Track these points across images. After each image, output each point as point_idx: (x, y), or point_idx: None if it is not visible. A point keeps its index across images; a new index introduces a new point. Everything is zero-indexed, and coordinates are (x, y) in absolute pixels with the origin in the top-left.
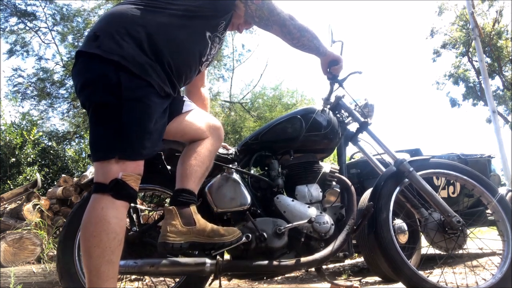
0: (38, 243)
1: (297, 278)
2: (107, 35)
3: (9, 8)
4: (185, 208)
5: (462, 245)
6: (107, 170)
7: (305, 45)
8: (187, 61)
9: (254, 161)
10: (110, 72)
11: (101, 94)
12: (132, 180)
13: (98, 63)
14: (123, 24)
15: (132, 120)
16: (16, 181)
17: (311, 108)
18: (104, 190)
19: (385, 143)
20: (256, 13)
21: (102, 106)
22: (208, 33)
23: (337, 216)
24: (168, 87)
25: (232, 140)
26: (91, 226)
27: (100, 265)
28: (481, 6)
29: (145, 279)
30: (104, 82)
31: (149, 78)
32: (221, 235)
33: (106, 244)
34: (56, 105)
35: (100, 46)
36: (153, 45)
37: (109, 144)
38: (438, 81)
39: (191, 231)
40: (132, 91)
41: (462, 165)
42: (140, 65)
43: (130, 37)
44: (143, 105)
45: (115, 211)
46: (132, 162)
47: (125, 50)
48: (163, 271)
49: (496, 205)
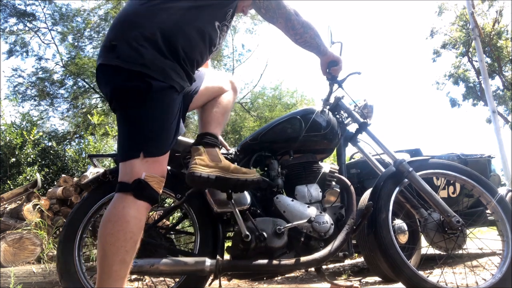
0: (38, 243)
1: (297, 278)
2: (124, 43)
3: (8, 9)
4: (211, 148)
5: (462, 245)
6: (131, 169)
7: (307, 42)
8: (199, 53)
9: (254, 161)
10: (134, 79)
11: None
12: (155, 182)
13: (121, 73)
14: (137, 29)
15: (155, 120)
16: (16, 181)
17: (310, 108)
18: (127, 189)
19: (385, 144)
20: (264, 4)
21: (129, 110)
22: (217, 23)
23: (336, 216)
24: (186, 82)
25: (232, 140)
26: (110, 224)
27: (113, 264)
28: (481, 6)
29: (145, 279)
30: (129, 89)
31: (171, 81)
32: (244, 173)
33: (122, 243)
34: (56, 105)
35: (119, 56)
36: (169, 45)
37: (134, 144)
38: (438, 81)
39: (217, 166)
40: (155, 93)
41: (462, 165)
42: (162, 69)
43: (147, 41)
44: (166, 106)
45: (136, 211)
46: (155, 161)
47: (145, 57)
48: (163, 271)
49: (495, 205)
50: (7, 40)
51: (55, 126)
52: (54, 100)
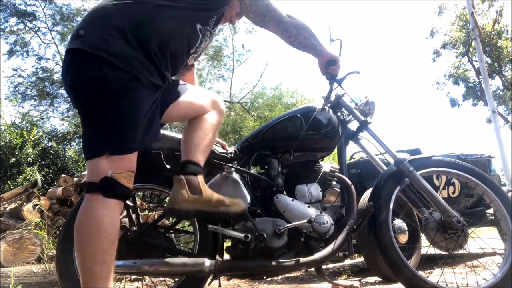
0: (38, 243)
1: (297, 278)
2: (92, 31)
3: (8, 9)
4: (193, 178)
5: (463, 245)
6: (97, 168)
7: (302, 43)
8: (174, 52)
9: (254, 160)
10: (95, 68)
11: (87, 93)
12: (123, 177)
13: (83, 60)
14: (108, 19)
15: (120, 115)
16: (16, 181)
17: (311, 106)
18: (95, 189)
19: (386, 142)
20: (252, 8)
21: (90, 104)
22: (199, 26)
23: (337, 216)
24: (156, 78)
25: (232, 139)
26: (83, 226)
27: (93, 265)
28: (481, 6)
29: (145, 279)
30: (90, 81)
31: (135, 71)
32: (226, 205)
33: (98, 244)
34: (56, 105)
35: (84, 41)
36: (139, 37)
37: (99, 141)
38: (438, 81)
39: (198, 200)
40: (118, 85)
41: (464, 163)
42: (126, 58)
43: (116, 31)
44: (130, 99)
45: (107, 210)
46: (122, 158)
47: (110, 45)
48: (163, 271)
49: (498, 204)
50: (8, 40)
51: (55, 126)
52: (54, 100)
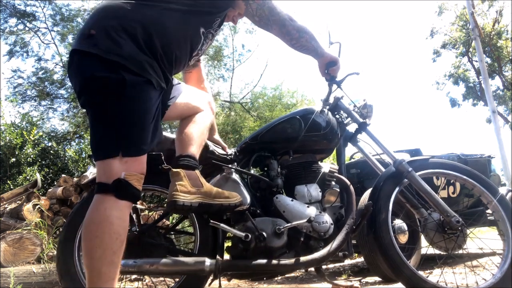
0: (38, 243)
1: (297, 278)
2: (103, 32)
3: (8, 9)
4: (191, 171)
5: (462, 245)
6: (109, 169)
7: (303, 46)
8: (178, 55)
9: (254, 161)
10: (109, 71)
11: (101, 93)
12: (135, 179)
13: (96, 62)
14: (118, 20)
15: (133, 117)
16: (16, 181)
17: (310, 108)
18: (107, 190)
19: (384, 144)
20: (257, 12)
21: (103, 105)
22: (202, 29)
23: (336, 216)
24: (163, 82)
25: (232, 140)
26: (94, 226)
27: (102, 266)
28: (481, 6)
29: (145, 279)
30: (103, 82)
31: (149, 76)
32: (226, 197)
33: (108, 245)
34: (56, 105)
35: (97, 44)
36: (148, 41)
37: (111, 143)
38: (438, 81)
39: (199, 191)
40: (132, 88)
41: (462, 164)
42: (139, 63)
43: (126, 34)
44: (143, 102)
45: (119, 211)
46: (135, 160)
47: (123, 49)
48: (163, 270)
49: (496, 205)
50: (7, 40)
51: (55, 126)
52: (54, 100)
